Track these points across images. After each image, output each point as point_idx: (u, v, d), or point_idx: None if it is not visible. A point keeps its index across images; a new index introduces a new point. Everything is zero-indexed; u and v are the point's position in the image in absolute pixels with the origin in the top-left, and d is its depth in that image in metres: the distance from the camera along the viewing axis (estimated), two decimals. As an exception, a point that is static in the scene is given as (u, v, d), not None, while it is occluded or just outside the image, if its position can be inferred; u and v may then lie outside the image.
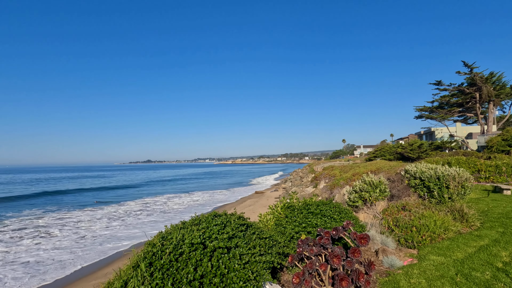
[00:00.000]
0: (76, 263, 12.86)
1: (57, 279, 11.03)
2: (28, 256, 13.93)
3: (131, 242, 15.63)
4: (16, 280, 11.09)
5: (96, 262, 12.93)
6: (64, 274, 11.66)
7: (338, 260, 4.49)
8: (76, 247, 15.39)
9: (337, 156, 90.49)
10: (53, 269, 12.18)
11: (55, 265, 12.72)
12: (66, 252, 14.57)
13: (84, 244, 16.05)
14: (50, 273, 11.78)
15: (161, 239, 4.28)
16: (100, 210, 28.59)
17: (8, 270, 12.07)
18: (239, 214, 5.45)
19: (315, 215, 6.81)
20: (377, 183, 9.50)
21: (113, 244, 15.80)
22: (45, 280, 10.99)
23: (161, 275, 3.64)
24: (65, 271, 11.94)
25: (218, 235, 4.30)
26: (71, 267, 12.42)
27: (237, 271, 3.80)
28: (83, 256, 13.82)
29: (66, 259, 13.48)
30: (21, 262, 13.16)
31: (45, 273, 11.74)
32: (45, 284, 10.62)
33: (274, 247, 5.10)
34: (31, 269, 12.21)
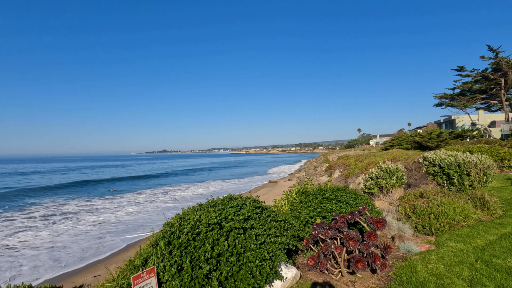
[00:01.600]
0: (100, 247, 13.44)
1: (87, 263, 11.59)
2: (57, 241, 14.65)
3: (149, 228, 16.13)
4: (55, 261, 11.75)
5: (117, 246, 13.45)
6: (89, 258, 12.22)
7: (354, 242, 4.48)
8: (99, 233, 16.05)
9: (352, 145, 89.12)
10: (80, 253, 12.78)
11: (82, 248, 13.34)
12: (92, 237, 15.22)
13: (106, 229, 16.70)
14: (77, 256, 12.38)
15: (179, 219, 4.40)
16: (119, 198, 29.55)
17: (44, 253, 12.78)
18: (254, 197, 5.50)
19: (330, 201, 6.77)
20: (394, 170, 9.31)
21: (133, 229, 16.37)
22: (80, 262, 11.60)
23: (179, 253, 3.75)
24: (90, 255, 12.51)
25: (234, 216, 4.36)
26: (96, 250, 12.99)
27: (253, 251, 3.86)
28: (106, 240, 14.41)
29: (92, 243, 14.10)
30: (52, 246, 13.87)
31: (74, 257, 12.35)
32: (81, 267, 11.20)
33: (289, 230, 5.14)
34: (61, 253, 12.87)
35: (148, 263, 3.94)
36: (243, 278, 3.61)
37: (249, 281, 3.61)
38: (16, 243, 14.21)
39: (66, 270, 10.87)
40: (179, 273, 3.64)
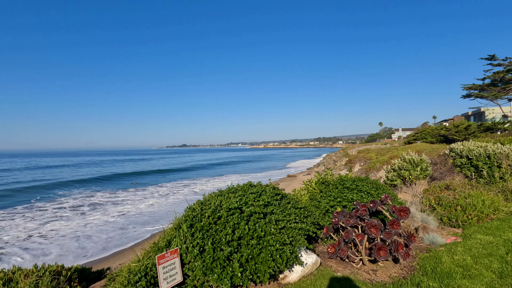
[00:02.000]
0: (124, 237, 14.01)
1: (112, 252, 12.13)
2: (84, 230, 15.43)
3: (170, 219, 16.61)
4: (82, 249, 12.41)
5: (140, 237, 13.96)
6: (114, 247, 12.78)
7: (376, 230, 4.40)
8: (123, 223, 16.71)
9: (373, 139, 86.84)
10: (106, 242, 13.40)
11: (107, 238, 13.97)
12: (116, 227, 15.89)
13: (130, 220, 17.35)
14: (102, 245, 12.98)
15: (200, 204, 4.50)
16: (141, 191, 30.53)
17: (72, 242, 13.52)
18: (274, 184, 5.52)
19: (351, 190, 6.67)
20: (418, 161, 9.00)
21: (155, 220, 16.92)
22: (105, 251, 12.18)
23: (201, 235, 3.85)
24: (114, 244, 13.08)
25: (254, 202, 4.40)
26: (120, 240, 13.56)
27: (273, 235, 3.89)
28: (130, 231, 15.00)
29: (117, 233, 14.73)
30: (79, 235, 14.62)
31: (100, 246, 12.97)
32: (106, 255, 11.75)
33: (309, 218, 5.12)
34: (88, 242, 13.55)
35: (171, 244, 4.07)
36: (264, 261, 3.66)
37: (269, 264, 3.65)
38: (47, 231, 15.06)
39: (92, 258, 11.42)
40: (201, 254, 3.74)
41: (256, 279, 3.63)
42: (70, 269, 5.00)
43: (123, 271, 4.40)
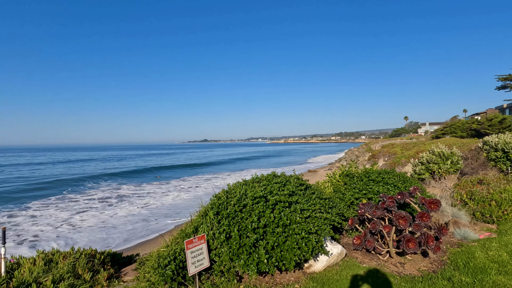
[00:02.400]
0: (149, 227, 14.55)
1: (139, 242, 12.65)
2: (112, 221, 16.17)
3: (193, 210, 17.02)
4: (109, 239, 13.04)
5: (164, 228, 14.40)
6: (140, 237, 13.30)
7: (404, 221, 4.28)
8: (148, 215, 17.33)
9: (398, 134, 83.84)
10: (133, 232, 13.98)
11: (134, 229, 14.56)
12: (142, 218, 16.51)
13: (154, 212, 17.96)
14: (130, 235, 13.55)
15: (226, 193, 4.57)
16: (165, 184, 31.43)
17: (100, 231, 14.24)
18: (298, 175, 5.49)
19: (377, 183, 6.51)
20: (448, 154, 8.61)
21: (179, 212, 17.41)
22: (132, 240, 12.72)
23: (227, 222, 3.92)
24: (141, 235, 13.61)
25: (279, 191, 4.41)
26: (145, 231, 14.09)
27: (299, 223, 3.89)
28: (154, 222, 15.54)
29: (142, 224, 15.32)
30: (105, 226, 15.34)
31: (127, 235, 13.55)
32: (133, 244, 12.28)
33: (333, 208, 5.07)
34: (115, 231, 14.20)
35: (198, 231, 4.18)
36: (289, 249, 3.67)
37: (295, 252, 3.66)
38: (77, 221, 15.87)
39: (118, 248, 11.91)
40: (227, 241, 3.81)
41: (281, 267, 3.66)
42: (103, 253, 5.28)
43: (153, 256, 4.58)
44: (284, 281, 3.99)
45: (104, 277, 4.32)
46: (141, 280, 4.27)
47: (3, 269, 3.90)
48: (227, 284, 3.87)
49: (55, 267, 4.26)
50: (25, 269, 4.05)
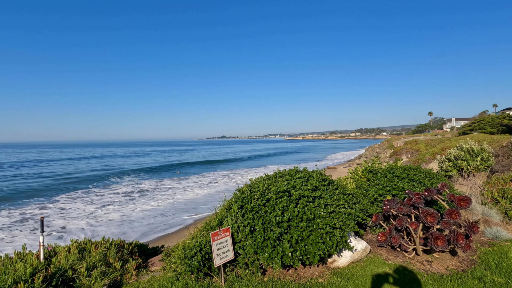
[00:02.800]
0: (170, 221, 14.95)
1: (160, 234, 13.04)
2: (135, 214, 16.75)
3: (213, 206, 17.34)
4: (132, 231, 13.54)
5: (185, 222, 14.74)
6: (161, 230, 13.70)
7: (433, 218, 4.15)
8: (169, 209, 17.80)
9: (422, 130, 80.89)
10: (155, 226, 14.43)
11: (156, 222, 15.02)
12: (163, 212, 16.99)
13: (175, 206, 18.41)
14: (152, 228, 13.99)
15: (249, 187, 4.62)
16: (185, 179, 32.08)
17: (124, 224, 14.80)
18: (320, 170, 5.46)
19: (402, 179, 6.35)
20: (478, 150, 8.23)
21: (199, 207, 17.76)
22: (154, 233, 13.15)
23: (251, 216, 3.97)
24: (162, 228, 14.02)
25: (302, 186, 4.41)
26: (166, 225, 14.49)
27: (323, 218, 3.88)
28: (175, 216, 15.94)
29: (163, 218, 15.77)
30: (126, 220, 15.91)
31: (150, 229, 14.00)
32: (157, 237, 12.69)
33: (357, 204, 5.00)
34: (138, 224, 14.70)
35: (222, 224, 4.27)
36: (313, 243, 3.67)
37: (319, 246, 3.65)
38: (101, 214, 16.52)
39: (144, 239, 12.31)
40: (251, 234, 3.87)
41: (305, 260, 3.67)
42: (131, 244, 5.50)
43: (178, 247, 4.73)
44: (307, 275, 4.00)
45: (133, 266, 4.51)
46: (168, 270, 4.42)
47: (42, 256, 4.16)
48: (251, 276, 3.93)
49: (88, 255, 4.49)
50: (61, 256, 4.30)
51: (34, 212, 17.13)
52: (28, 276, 3.53)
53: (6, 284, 3.22)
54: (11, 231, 13.19)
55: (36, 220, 15.28)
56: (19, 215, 16.35)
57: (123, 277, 4.32)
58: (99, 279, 4.03)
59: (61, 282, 3.80)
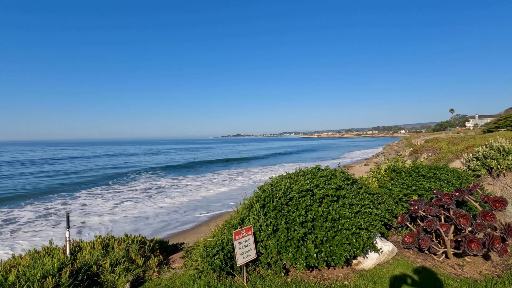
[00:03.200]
0: (185, 218, 15.10)
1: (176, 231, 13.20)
2: (153, 210, 17.04)
3: (228, 204, 17.39)
4: (149, 227, 13.78)
5: (201, 220, 14.84)
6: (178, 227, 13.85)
7: (466, 220, 3.93)
8: (185, 206, 18.00)
9: (443, 128, 78.15)
10: (172, 222, 14.62)
11: (172, 219, 15.21)
12: (179, 209, 17.20)
13: (192, 203, 18.60)
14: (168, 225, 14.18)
15: (270, 185, 4.54)
16: (201, 177, 32.39)
17: (140, 220, 15.08)
18: (343, 169, 5.30)
19: (428, 179, 6.09)
20: (509, 148, 7.80)
21: (213, 204, 17.86)
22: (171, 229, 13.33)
23: (274, 215, 3.89)
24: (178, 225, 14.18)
25: (325, 185, 4.28)
26: (182, 222, 14.64)
27: (349, 218, 3.74)
28: (192, 213, 16.09)
29: (178, 215, 15.96)
30: (147, 215, 16.20)
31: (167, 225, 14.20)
32: (173, 232, 12.86)
33: (382, 204, 4.82)
34: (156, 220, 14.95)
35: (244, 223, 4.21)
36: (339, 244, 3.55)
37: (345, 247, 3.53)
38: (120, 210, 16.88)
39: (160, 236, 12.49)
40: (274, 233, 3.79)
41: (330, 262, 3.55)
42: (152, 241, 5.54)
43: (199, 245, 4.71)
44: (332, 277, 3.88)
45: (155, 263, 4.53)
46: (189, 268, 4.41)
47: (68, 251, 4.25)
48: (274, 277, 3.86)
49: (112, 251, 4.55)
50: (86, 252, 4.38)
51: (57, 207, 17.76)
52: (56, 271, 3.60)
53: (36, 278, 3.29)
54: (36, 226, 13.74)
55: (59, 215, 15.84)
56: (44, 210, 17.02)
57: (146, 273, 4.35)
58: (122, 275, 4.07)
59: (86, 277, 3.86)
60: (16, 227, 13.46)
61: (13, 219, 15.12)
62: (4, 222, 14.52)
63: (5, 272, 3.59)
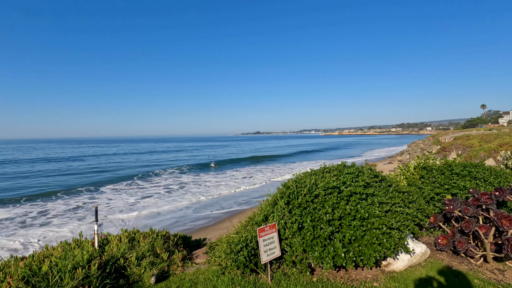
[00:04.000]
0: (205, 212, 15.27)
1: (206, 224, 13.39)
2: (174, 204, 17.40)
3: (247, 201, 17.42)
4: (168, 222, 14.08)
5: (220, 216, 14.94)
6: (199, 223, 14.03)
7: (509, 222, 3.63)
8: (207, 202, 18.22)
9: (473, 124, 74.04)
10: (193, 218, 14.84)
11: (193, 214, 15.44)
12: (201, 205, 17.44)
13: (213, 200, 18.80)
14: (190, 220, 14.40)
15: (294, 182, 4.43)
16: (221, 174, 32.70)
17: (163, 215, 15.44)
18: (370, 166, 5.09)
19: (462, 177, 5.72)
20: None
21: (233, 201, 17.95)
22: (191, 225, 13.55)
23: (299, 212, 3.77)
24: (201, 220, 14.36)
25: (352, 182, 4.11)
26: (203, 219, 14.82)
27: (379, 217, 3.56)
28: (212, 209, 16.26)
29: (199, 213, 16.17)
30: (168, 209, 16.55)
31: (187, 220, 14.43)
32: (206, 226, 13.06)
33: (413, 203, 4.57)
34: (177, 215, 15.24)
35: (268, 219, 4.13)
36: (368, 244, 3.38)
37: (375, 247, 3.36)
38: (144, 205, 17.33)
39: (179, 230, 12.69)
40: (299, 231, 3.68)
41: (359, 262, 3.40)
42: (176, 236, 5.60)
43: (222, 241, 4.69)
44: (360, 278, 3.72)
45: (179, 258, 4.56)
46: (212, 264, 4.40)
47: (97, 244, 4.36)
48: (299, 276, 3.75)
49: (137, 245, 4.63)
50: (113, 245, 4.48)
51: (85, 201, 18.57)
52: (85, 263, 3.69)
53: (67, 269, 3.39)
54: (65, 218, 14.46)
55: (87, 208, 16.53)
56: (74, 203, 17.88)
57: (170, 268, 4.39)
58: (148, 268, 4.12)
59: (114, 270, 3.95)
60: (46, 220, 14.21)
61: (46, 211, 15.98)
62: (39, 214, 15.40)
63: (39, 262, 3.73)
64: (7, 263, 3.82)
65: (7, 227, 12.94)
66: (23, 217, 14.78)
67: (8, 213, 15.68)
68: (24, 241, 11.04)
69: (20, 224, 13.43)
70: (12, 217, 14.80)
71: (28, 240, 11.19)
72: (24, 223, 13.60)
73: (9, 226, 13.19)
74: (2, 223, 13.61)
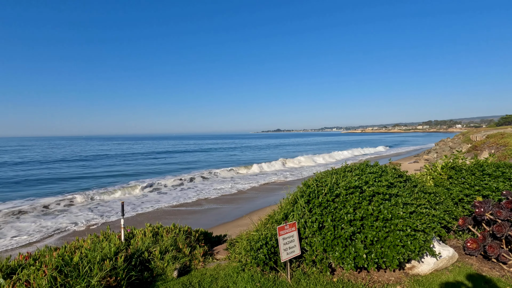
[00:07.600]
0: (242, 208, 15.47)
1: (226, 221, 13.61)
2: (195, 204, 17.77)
3: (264, 200, 17.45)
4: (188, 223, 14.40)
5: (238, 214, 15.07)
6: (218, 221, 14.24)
7: (546, 227, 3.40)
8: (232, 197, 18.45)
9: (509, 122, 69.43)
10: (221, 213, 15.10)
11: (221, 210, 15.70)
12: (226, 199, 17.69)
13: (230, 197, 19.00)
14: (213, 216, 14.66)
15: (315, 181, 4.38)
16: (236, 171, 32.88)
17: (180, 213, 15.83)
18: (394, 165, 4.93)
19: (495, 178, 5.40)
20: None
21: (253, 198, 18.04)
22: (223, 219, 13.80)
23: (320, 212, 3.74)
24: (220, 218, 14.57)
25: (375, 182, 4.01)
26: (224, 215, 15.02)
27: (403, 219, 3.46)
28: (244, 204, 16.45)
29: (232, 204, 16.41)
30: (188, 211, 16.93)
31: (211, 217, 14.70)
32: (225, 222, 13.31)
33: (440, 205, 4.39)
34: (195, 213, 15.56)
35: (288, 218, 4.13)
36: (392, 246, 3.30)
37: (398, 249, 3.27)
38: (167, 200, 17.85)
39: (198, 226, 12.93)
40: (320, 230, 3.65)
41: (381, 264, 3.32)
42: (197, 231, 5.73)
43: (242, 238, 4.74)
44: (382, 280, 3.63)
45: (200, 253, 4.67)
46: (232, 260, 4.47)
47: (123, 237, 4.56)
48: (319, 275, 3.73)
49: (161, 239, 4.79)
50: (138, 239, 4.66)
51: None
52: (113, 255, 3.88)
53: (96, 260, 3.57)
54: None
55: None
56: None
57: (192, 262, 4.50)
58: (170, 262, 4.26)
59: (139, 263, 4.11)
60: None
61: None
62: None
63: (71, 253, 3.96)
64: (43, 253, 4.09)
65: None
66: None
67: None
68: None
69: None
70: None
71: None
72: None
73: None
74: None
